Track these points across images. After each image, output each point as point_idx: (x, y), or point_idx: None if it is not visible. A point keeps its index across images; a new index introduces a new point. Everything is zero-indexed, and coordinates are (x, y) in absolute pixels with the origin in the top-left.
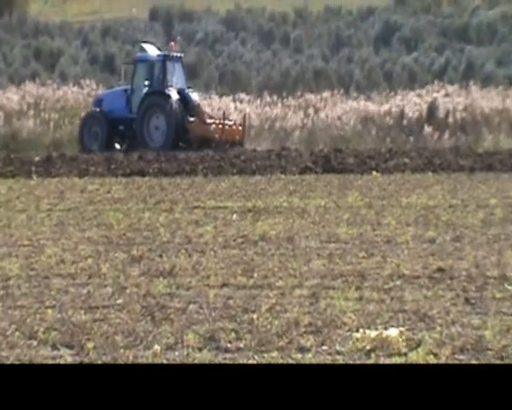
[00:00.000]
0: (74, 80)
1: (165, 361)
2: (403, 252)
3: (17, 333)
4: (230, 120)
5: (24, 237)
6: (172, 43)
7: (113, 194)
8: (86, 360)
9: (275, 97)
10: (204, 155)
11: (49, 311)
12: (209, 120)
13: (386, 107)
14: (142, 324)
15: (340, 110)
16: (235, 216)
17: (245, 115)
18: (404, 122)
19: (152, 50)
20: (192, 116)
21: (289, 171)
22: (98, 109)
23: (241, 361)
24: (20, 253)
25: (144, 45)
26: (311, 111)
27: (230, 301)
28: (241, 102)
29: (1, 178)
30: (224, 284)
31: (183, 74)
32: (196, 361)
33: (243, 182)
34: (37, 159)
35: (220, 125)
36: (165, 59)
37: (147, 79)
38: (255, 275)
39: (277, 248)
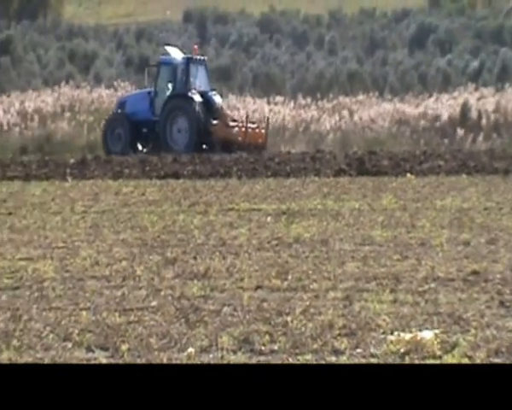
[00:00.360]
0: (108, 82)
1: (199, 363)
2: (437, 254)
3: (52, 335)
4: (253, 123)
5: (59, 239)
6: (195, 46)
7: (147, 196)
8: (121, 362)
9: (309, 100)
10: (238, 158)
11: (84, 313)
12: (232, 123)
13: (420, 109)
14: (177, 326)
15: (374, 112)
16: (269, 218)
17: (267, 118)
18: (438, 124)
19: (175, 53)
20: (215, 119)
21: (323, 173)
22: (121, 111)
23: (274, 363)
24: (54, 255)
25: (168, 48)
26: (345, 113)
27: (264, 304)
28: (275, 104)
29: (36, 181)
30: (259, 287)
31: (207, 77)
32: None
33: (277, 184)
34: (71, 161)
35: (243, 128)
36: (188, 62)
37: (170, 82)
38: (289, 277)
39: (311, 251)
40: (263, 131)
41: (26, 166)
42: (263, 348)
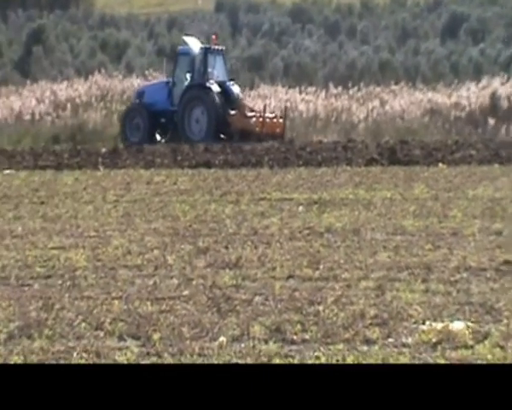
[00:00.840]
0: (140, 72)
1: (231, 353)
2: (469, 244)
3: (84, 324)
4: (271, 113)
5: (91, 228)
6: (214, 37)
7: (179, 185)
8: (152, 352)
9: (341, 89)
10: (270, 147)
11: (116, 302)
12: (250, 113)
13: (452, 99)
14: (208, 315)
15: (406, 102)
16: (300, 208)
17: (285, 108)
18: (470, 114)
19: (193, 43)
20: (233, 109)
21: (355, 163)
22: (140, 102)
23: (306, 353)
24: (86, 244)
25: (186, 38)
26: (376, 103)
27: (296, 293)
28: (306, 93)
29: (68, 170)
30: (290, 276)
31: (225, 67)
32: (262, 353)
33: (309, 174)
34: (103, 150)
35: (261, 119)
36: (206, 52)
37: (188, 72)
38: (321, 267)
39: (343, 241)
40: (281, 121)
41: (58, 156)
42: (294, 337)
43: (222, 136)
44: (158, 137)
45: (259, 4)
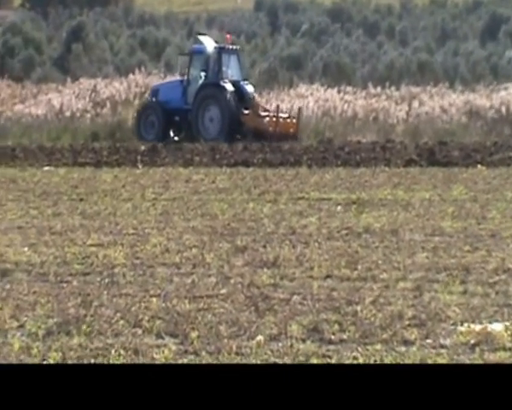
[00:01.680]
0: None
1: (268, 352)
2: (508, 246)
3: (122, 321)
4: (285, 113)
5: (129, 225)
6: (228, 36)
7: (217, 184)
8: (190, 350)
9: (379, 89)
10: (308, 147)
11: (154, 300)
12: (263, 113)
13: (491, 100)
14: (246, 314)
15: (445, 103)
16: (339, 208)
17: (300, 108)
18: (509, 115)
19: (208, 42)
20: (246, 108)
21: (394, 163)
22: (155, 100)
23: (344, 354)
24: (125, 241)
25: (200, 37)
26: (415, 103)
27: (334, 293)
28: (345, 93)
29: (107, 167)
30: (328, 276)
31: (239, 66)
32: (300, 353)
33: (347, 174)
34: (142, 148)
35: (274, 118)
36: (220, 51)
37: (202, 71)
38: (359, 267)
39: (381, 241)
40: (294, 121)
41: (97, 153)
42: (332, 337)
43: (236, 135)
44: (172, 135)
45: (299, 3)
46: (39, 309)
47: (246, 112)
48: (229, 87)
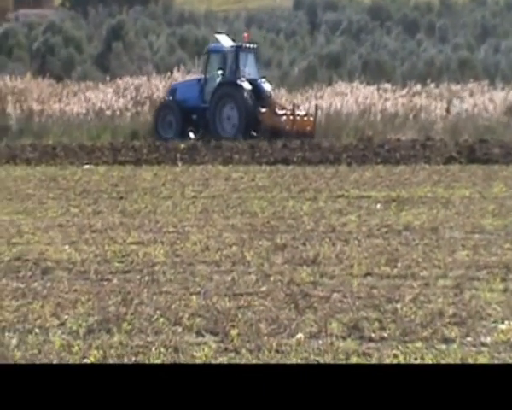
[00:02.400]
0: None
1: (308, 350)
2: None
3: (162, 319)
4: (302, 111)
5: (169, 223)
6: (245, 35)
7: (257, 182)
8: (230, 347)
9: (419, 87)
10: (348, 144)
11: (194, 297)
12: (280, 111)
13: None
14: (286, 311)
15: (485, 100)
16: (379, 205)
17: (316, 106)
18: None
19: (225, 41)
20: (263, 107)
21: (434, 161)
22: (172, 99)
23: (384, 351)
24: (165, 239)
25: (218, 36)
26: (455, 101)
27: (374, 291)
28: (384, 91)
29: (146, 165)
30: (368, 274)
31: (256, 65)
32: (340, 350)
33: (387, 171)
34: (182, 146)
35: (291, 117)
36: (237, 50)
37: (220, 70)
38: (399, 265)
39: (421, 239)
40: (311, 119)
41: (137, 151)
42: (372, 335)
43: (253, 133)
44: (191, 134)
45: (338, 1)
46: (80, 307)
47: (263, 110)
48: (247, 85)
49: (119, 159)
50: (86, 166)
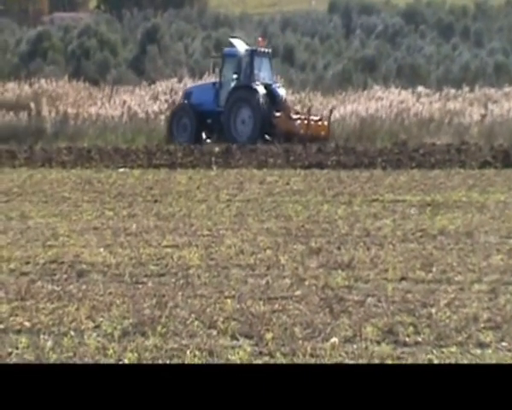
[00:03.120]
0: None
1: (343, 354)
2: None
3: (197, 322)
4: (316, 116)
5: (204, 227)
6: (260, 39)
7: (291, 186)
8: (265, 351)
9: (454, 91)
10: (382, 149)
11: (229, 301)
12: (294, 116)
13: None
14: (321, 316)
15: None
16: (412, 210)
17: (331, 111)
18: None
19: (240, 45)
20: (278, 111)
21: (468, 165)
22: (187, 102)
23: (419, 356)
24: (199, 243)
25: (232, 40)
26: (490, 105)
27: (409, 295)
28: (419, 95)
29: (181, 169)
30: (403, 278)
31: (271, 69)
32: (375, 354)
33: (422, 176)
34: (216, 150)
35: (305, 121)
36: (252, 54)
37: (235, 74)
38: (434, 269)
39: (456, 243)
40: (325, 123)
41: (171, 155)
42: (407, 339)
43: (267, 137)
44: (204, 137)
45: (373, 5)
46: (115, 310)
47: (277, 114)
48: (261, 90)
49: (153, 162)
50: (121, 170)
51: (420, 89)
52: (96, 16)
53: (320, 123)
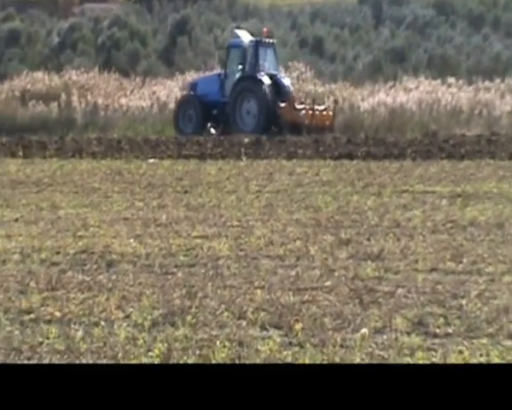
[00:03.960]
0: (283, 63)
1: (373, 345)
2: None
3: (226, 313)
4: (321, 106)
5: (233, 217)
6: (265, 30)
7: (321, 176)
8: (294, 342)
9: (485, 82)
10: (412, 140)
11: (258, 291)
12: (299, 106)
13: None
14: (350, 306)
15: None
16: (443, 201)
17: (335, 101)
18: None
19: (245, 36)
20: (283, 102)
21: (499, 156)
22: (193, 93)
23: (449, 347)
24: (229, 233)
25: (237, 31)
26: None
27: (439, 286)
28: (449, 86)
29: (211, 160)
30: (433, 269)
31: (276, 60)
32: (405, 346)
33: (452, 167)
34: (246, 140)
35: (310, 111)
36: (257, 44)
37: (240, 64)
38: (464, 260)
39: (487, 234)
40: (330, 113)
41: (201, 146)
42: (437, 330)
43: (273, 128)
44: (212, 129)
45: None
46: (145, 300)
47: (282, 105)
48: (266, 80)
49: (183, 153)
50: (151, 160)
51: (450, 80)
52: (126, 7)
53: (325, 113)
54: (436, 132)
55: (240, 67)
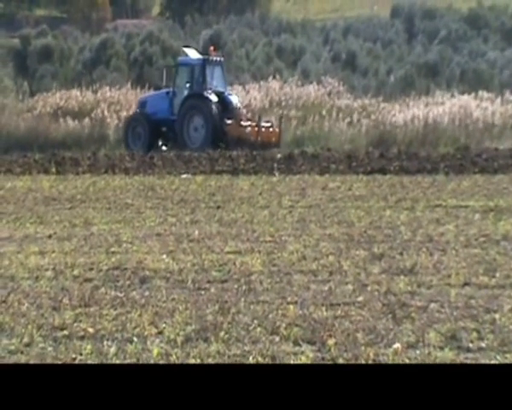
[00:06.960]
0: (316, 78)
1: (406, 360)
2: None
3: (259, 328)
4: (267, 123)
5: (266, 233)
6: (211, 48)
7: (354, 191)
8: (327, 357)
9: None
10: (445, 154)
11: (291, 307)
12: (245, 123)
13: None
14: (383, 321)
15: None
16: (476, 215)
17: (281, 117)
18: None
19: (193, 54)
20: (229, 118)
21: None
22: (141, 111)
23: (482, 362)
24: (262, 249)
25: (186, 49)
26: None
27: (472, 301)
28: (482, 100)
29: (244, 175)
30: (466, 283)
31: (223, 77)
32: (438, 360)
33: (485, 181)
34: (278, 156)
35: (256, 128)
36: (204, 63)
37: (187, 82)
38: (497, 275)
39: None
40: (277, 130)
41: (234, 161)
42: (470, 345)
43: (221, 144)
44: (163, 146)
45: (436, 10)
46: (178, 316)
47: (228, 122)
48: (214, 98)
49: (216, 168)
50: (184, 176)
51: (482, 94)
52: (158, 23)
53: (271, 129)
54: (469, 147)
55: (188, 84)
